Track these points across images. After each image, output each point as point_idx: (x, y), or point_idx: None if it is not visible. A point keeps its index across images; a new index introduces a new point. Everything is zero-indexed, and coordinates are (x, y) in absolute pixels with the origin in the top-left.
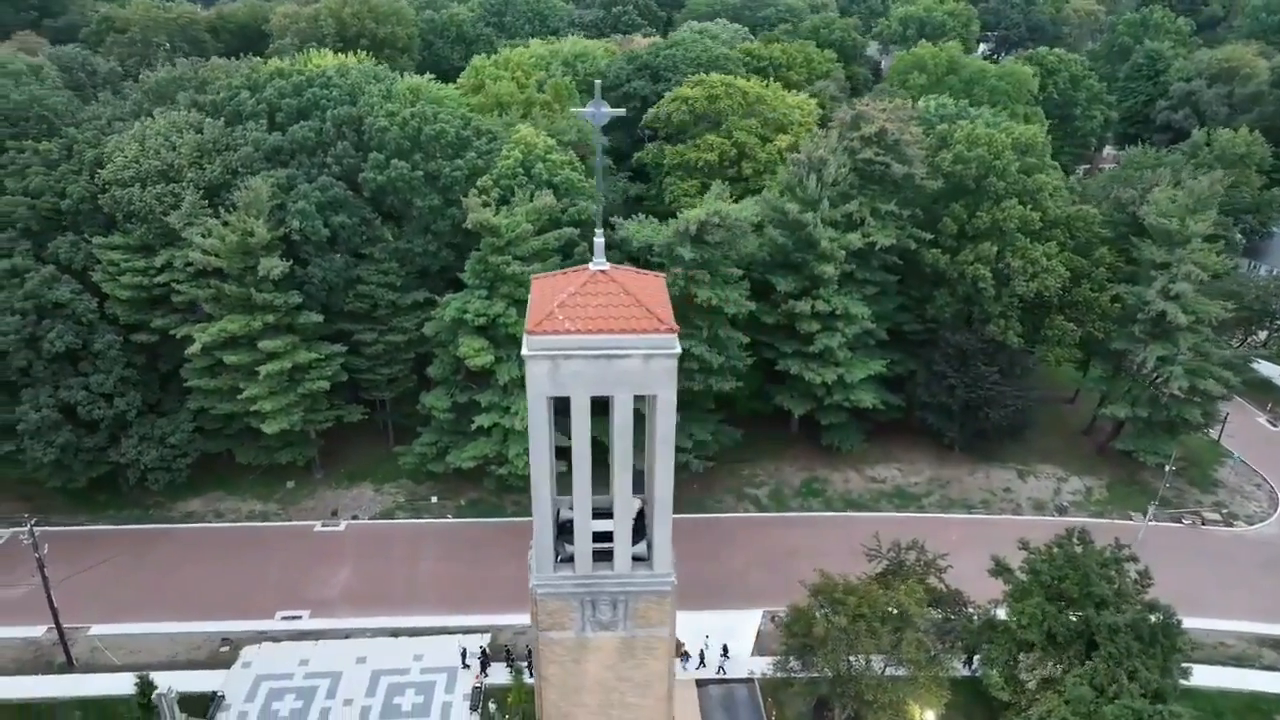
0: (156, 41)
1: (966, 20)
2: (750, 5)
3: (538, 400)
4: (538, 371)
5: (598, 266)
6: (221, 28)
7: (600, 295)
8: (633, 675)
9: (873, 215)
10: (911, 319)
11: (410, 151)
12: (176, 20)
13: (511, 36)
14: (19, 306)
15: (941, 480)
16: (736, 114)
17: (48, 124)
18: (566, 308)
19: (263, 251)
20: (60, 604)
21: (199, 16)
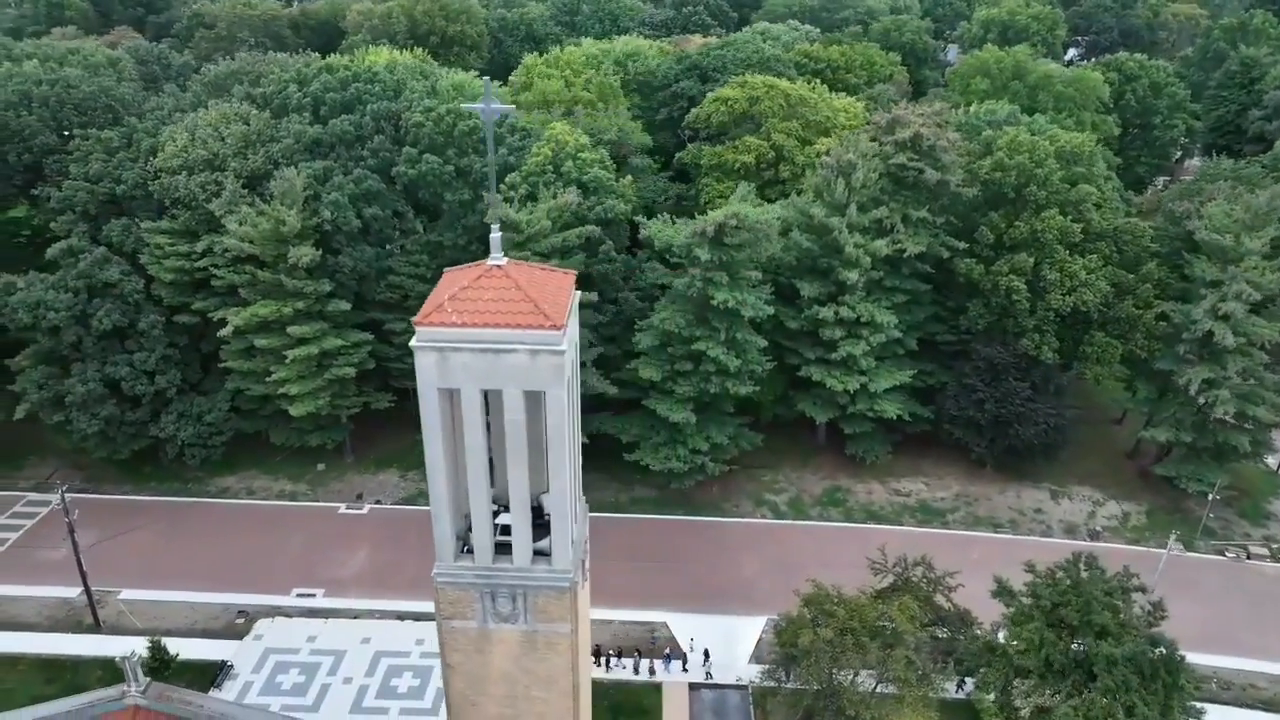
0: (240, 37)
1: (1052, 24)
2: (829, 6)
3: (428, 391)
4: (426, 363)
5: (494, 261)
6: (303, 24)
7: (492, 290)
8: (536, 669)
9: (904, 222)
10: (945, 330)
11: (444, 147)
12: (260, 16)
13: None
14: (72, 285)
15: (969, 497)
16: (776, 116)
17: (114, 114)
18: (456, 300)
19: (295, 240)
20: (96, 568)
21: (281, 13)
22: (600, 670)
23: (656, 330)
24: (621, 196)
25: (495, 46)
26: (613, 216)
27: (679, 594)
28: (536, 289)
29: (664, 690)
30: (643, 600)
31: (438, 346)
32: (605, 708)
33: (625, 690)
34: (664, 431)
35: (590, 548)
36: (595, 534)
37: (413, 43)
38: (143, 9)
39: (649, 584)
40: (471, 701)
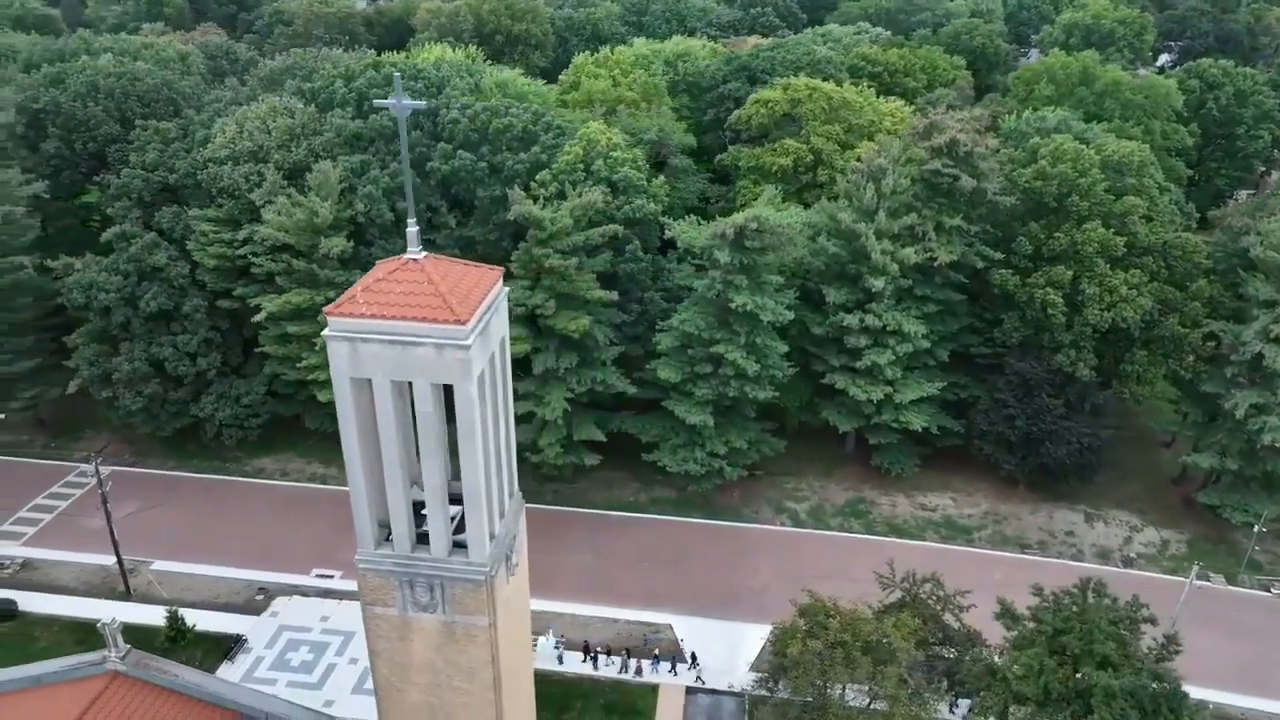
0: (316, 34)
1: (1140, 29)
2: (906, 9)
3: (340, 380)
4: (338, 352)
5: (411, 255)
6: (377, 21)
7: (404, 283)
8: (457, 660)
9: (937, 230)
10: (980, 342)
11: (478, 143)
12: (335, 14)
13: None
14: (123, 268)
15: (998, 515)
16: (817, 119)
17: (174, 105)
18: (369, 292)
19: (329, 231)
20: (134, 538)
21: (355, 11)
22: (589, 668)
23: (677, 332)
24: (653, 197)
25: (560, 45)
26: (641, 216)
27: (687, 597)
28: (449, 284)
29: (660, 692)
30: (650, 601)
31: (349, 336)
32: (600, 706)
33: (622, 690)
34: (683, 433)
35: (601, 547)
36: (610, 532)
37: (478, 41)
38: (235, 6)
39: (658, 585)
40: (397, 688)
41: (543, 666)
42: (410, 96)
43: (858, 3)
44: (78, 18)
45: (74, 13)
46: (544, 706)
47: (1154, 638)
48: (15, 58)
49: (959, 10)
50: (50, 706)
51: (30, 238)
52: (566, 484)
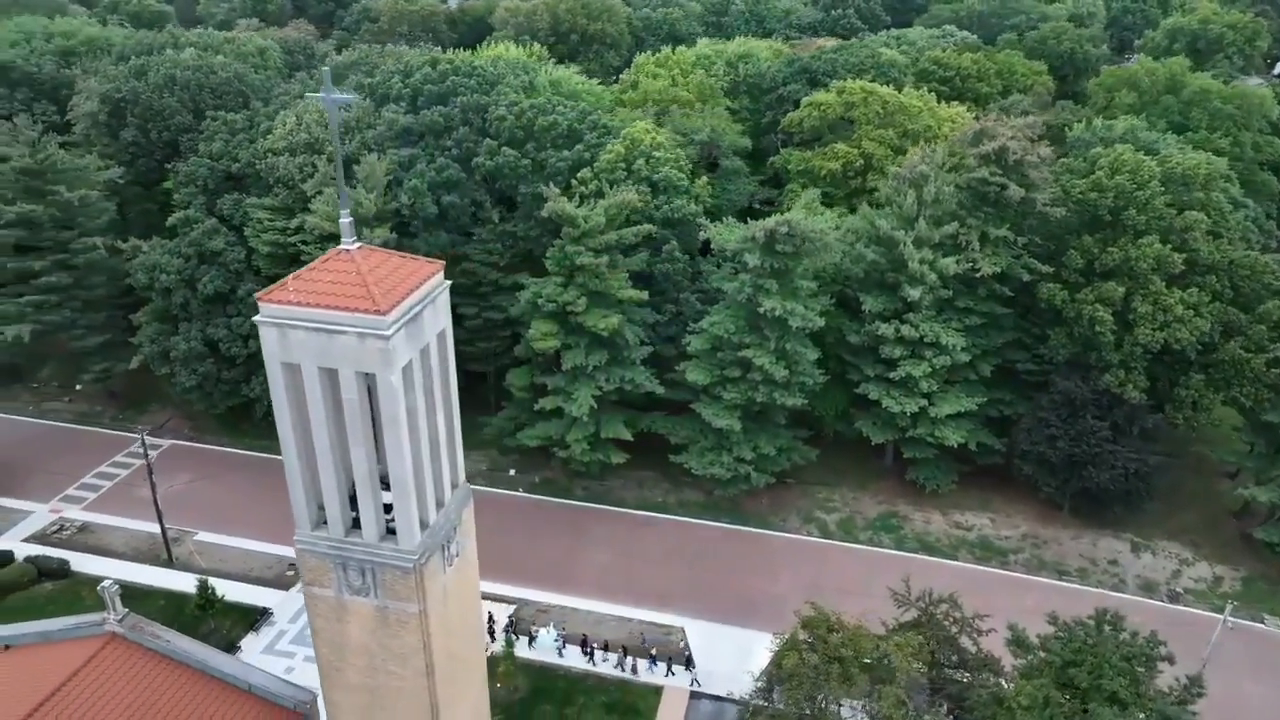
0: (399, 31)
1: (1252, 35)
2: (999, 13)
3: (272, 364)
4: (269, 337)
5: (344, 246)
6: (460, 20)
7: (334, 273)
8: (390, 645)
9: (982, 240)
10: (1027, 358)
11: (523, 141)
12: (419, 12)
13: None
14: (184, 251)
15: (1038, 539)
16: (871, 123)
17: (244, 98)
18: (300, 280)
19: (374, 222)
20: (182, 509)
21: (439, 9)
22: (598, 665)
23: (707, 334)
24: (695, 198)
25: (636, 45)
26: (680, 217)
27: (703, 601)
28: (378, 275)
29: (663, 695)
30: (665, 602)
31: (278, 322)
32: (601, 704)
33: (625, 689)
34: (711, 436)
35: (624, 545)
36: (634, 531)
37: (554, 39)
38: (333, 3)
39: (676, 587)
40: (336, 668)
41: (544, 659)
42: (463, 93)
43: (948, 6)
44: (190, 14)
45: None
46: (547, 700)
47: (1176, 678)
48: (110, 50)
49: (1057, 14)
50: (52, 661)
51: (105, 220)
52: (596, 481)
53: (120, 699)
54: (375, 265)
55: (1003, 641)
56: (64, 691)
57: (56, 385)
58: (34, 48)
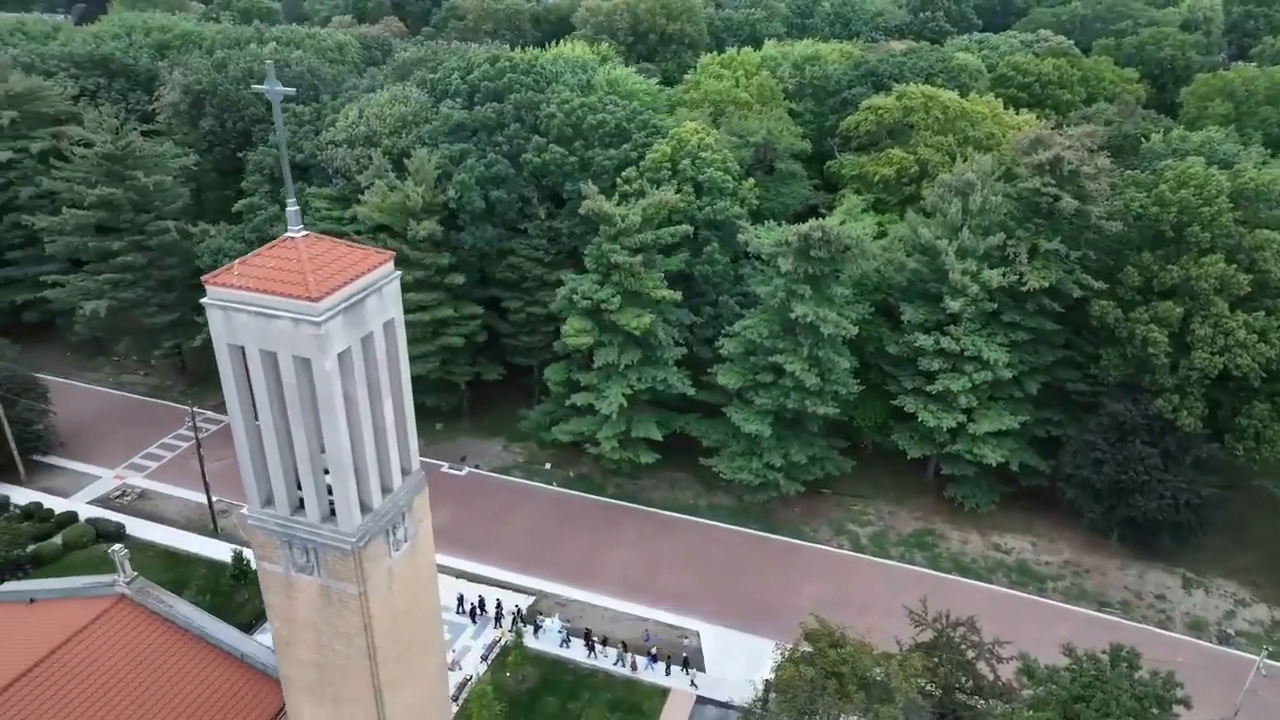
0: (484, 29)
1: None
2: (1105, 17)
3: (220, 345)
4: (215, 319)
5: (290, 233)
6: (544, 18)
7: (277, 259)
8: (334, 623)
9: (1031, 253)
10: (1079, 377)
11: (572, 138)
12: (505, 10)
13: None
14: (247, 236)
15: (1080, 567)
16: (930, 129)
17: (315, 91)
18: (245, 264)
19: (422, 214)
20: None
21: (524, 7)
22: (609, 663)
23: (740, 338)
24: (741, 200)
25: (716, 45)
26: (723, 219)
27: (722, 606)
28: (318, 263)
29: (670, 697)
30: (683, 604)
31: (223, 305)
32: (606, 701)
33: (632, 688)
34: (742, 441)
35: (650, 545)
36: (662, 532)
37: (633, 39)
38: (430, 1)
39: (696, 590)
40: (288, 642)
41: (556, 652)
42: (518, 90)
43: (1050, 10)
44: (297, 10)
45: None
46: (553, 692)
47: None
48: (201, 44)
49: (1169, 19)
50: (67, 616)
51: (180, 204)
52: (629, 479)
53: (120, 656)
54: (318, 253)
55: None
56: (69, 645)
57: (134, 359)
58: (134, 41)
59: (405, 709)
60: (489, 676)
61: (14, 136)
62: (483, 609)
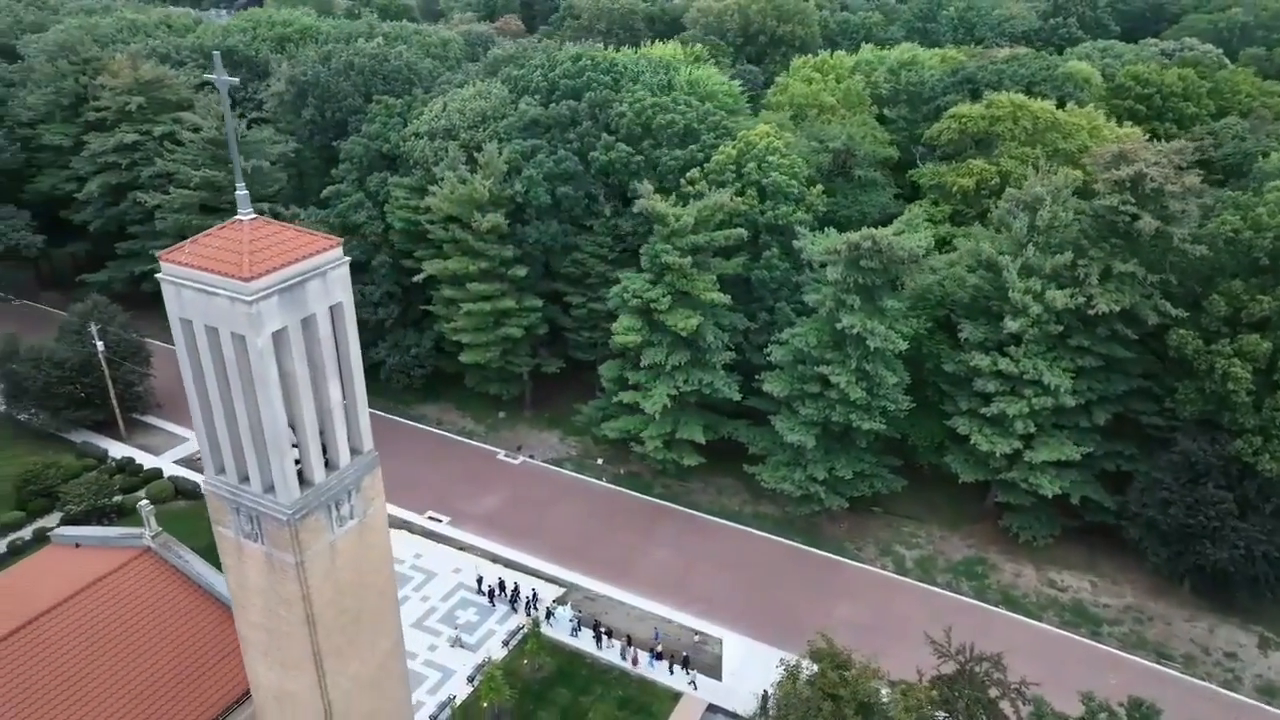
0: (598, 28)
1: None
2: (1269, 25)
3: (173, 319)
4: (169, 294)
5: (239, 216)
6: (659, 18)
7: (223, 240)
8: (278, 589)
9: (1104, 274)
10: (1155, 411)
11: (641, 138)
12: (619, 9)
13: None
14: (331, 221)
15: (1143, 613)
16: (1015, 140)
17: (410, 84)
18: (196, 244)
19: (489, 207)
20: None
21: (638, 7)
22: (594, 647)
23: (789, 346)
24: (807, 206)
25: (829, 48)
26: (784, 224)
27: (751, 616)
28: (260, 246)
29: (681, 701)
30: (710, 609)
31: (174, 281)
32: (616, 698)
33: (645, 689)
34: (787, 451)
35: (687, 547)
36: (701, 536)
37: (742, 40)
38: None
39: (727, 597)
40: (241, 604)
41: (567, 641)
42: (595, 89)
43: (1207, 16)
44: (433, 7)
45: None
46: (567, 684)
47: None
48: (317, 38)
49: None
50: (99, 561)
51: (276, 188)
52: (677, 481)
53: (130, 604)
54: (262, 236)
55: None
56: (89, 591)
57: None
58: (258, 34)
59: (353, 680)
60: (506, 661)
61: (140, 120)
62: (502, 590)
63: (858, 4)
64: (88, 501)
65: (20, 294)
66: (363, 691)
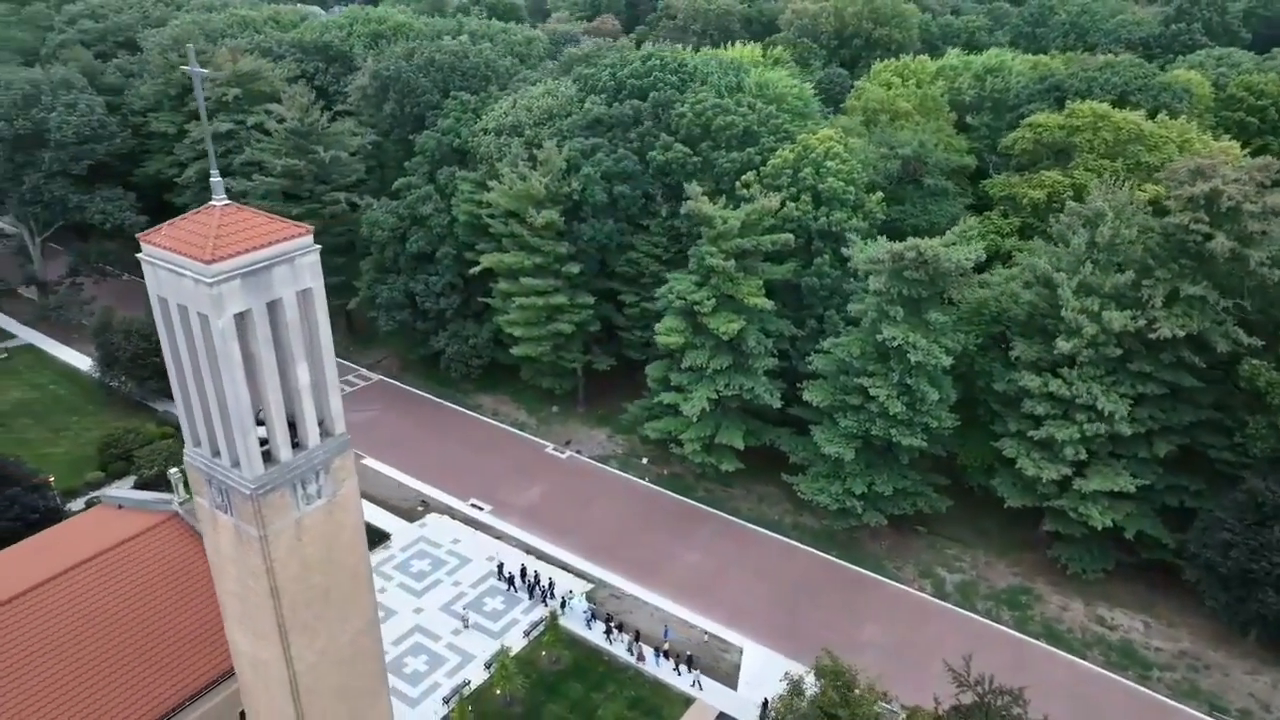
0: (693, 28)
1: None
2: None
3: (153, 296)
4: (148, 273)
5: (213, 202)
6: (755, 19)
7: (195, 224)
8: (245, 561)
9: (1170, 297)
10: (1226, 445)
11: (699, 139)
12: (715, 10)
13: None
14: (401, 212)
15: (1198, 661)
16: (1094, 152)
17: (486, 81)
18: (172, 227)
19: (548, 203)
20: (363, 434)
21: (735, 9)
22: (601, 639)
23: (832, 356)
24: (864, 213)
25: (929, 51)
26: (838, 230)
27: (775, 627)
28: (228, 230)
29: (693, 706)
30: (734, 618)
31: (152, 261)
32: (628, 698)
33: (658, 692)
34: (826, 463)
35: (721, 553)
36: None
37: (836, 43)
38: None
39: (753, 606)
40: (219, 571)
41: (577, 631)
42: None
43: None
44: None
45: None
46: (581, 678)
47: None
48: (408, 35)
49: None
50: (131, 522)
51: (353, 179)
52: (720, 486)
53: (155, 564)
54: (231, 222)
55: None
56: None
57: None
58: (353, 30)
59: (320, 655)
60: (525, 652)
61: (236, 110)
62: (523, 578)
63: (970, 7)
64: (158, 466)
65: (127, 269)
66: (332, 667)
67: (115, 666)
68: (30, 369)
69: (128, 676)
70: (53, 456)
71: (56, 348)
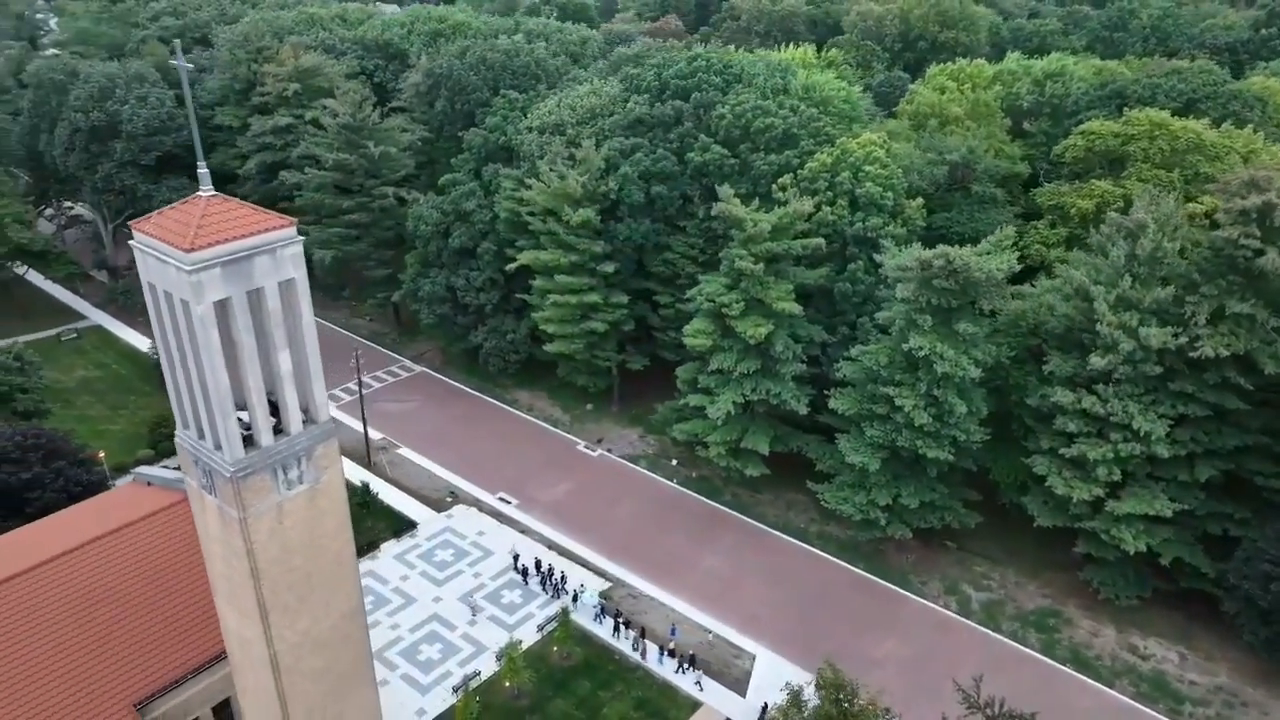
0: (756, 30)
1: None
2: None
3: (144, 282)
4: (139, 259)
5: (200, 193)
6: (820, 20)
7: (181, 213)
8: (229, 541)
9: (1216, 314)
10: (1274, 471)
11: (739, 140)
12: (778, 11)
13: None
14: (445, 208)
15: (1236, 696)
16: (1149, 161)
17: (536, 80)
18: (161, 216)
19: (586, 201)
20: (400, 425)
21: (799, 10)
22: (608, 634)
23: (859, 364)
24: (903, 219)
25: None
26: (873, 236)
27: (791, 636)
28: (212, 221)
29: (700, 711)
30: (750, 625)
31: (141, 248)
32: (634, 698)
33: (666, 694)
34: (853, 473)
35: (743, 559)
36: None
37: (900, 46)
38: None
39: (770, 614)
40: (208, 551)
41: (589, 628)
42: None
43: None
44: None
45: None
46: (590, 676)
47: None
48: (467, 33)
49: None
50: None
51: (402, 174)
52: (747, 491)
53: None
54: (215, 212)
55: None
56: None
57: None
58: (414, 29)
59: (302, 636)
60: (538, 646)
61: (295, 105)
62: (537, 570)
63: (1050, 10)
64: None
65: None
66: (314, 649)
67: (102, 644)
68: (96, 349)
69: (114, 656)
70: (110, 433)
71: (122, 329)
